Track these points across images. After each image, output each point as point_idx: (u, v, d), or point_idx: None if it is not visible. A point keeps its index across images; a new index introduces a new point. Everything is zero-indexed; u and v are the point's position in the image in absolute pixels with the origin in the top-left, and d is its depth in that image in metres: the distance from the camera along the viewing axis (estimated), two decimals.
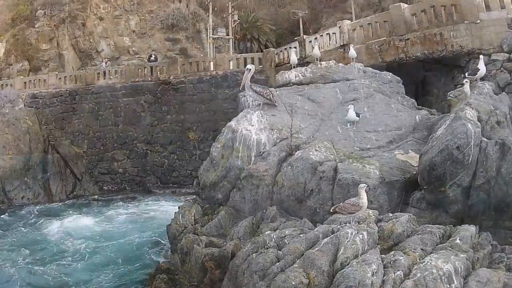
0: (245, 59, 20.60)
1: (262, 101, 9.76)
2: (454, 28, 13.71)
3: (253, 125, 9.15)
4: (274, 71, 20.02)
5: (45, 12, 27.16)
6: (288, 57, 19.57)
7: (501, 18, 13.06)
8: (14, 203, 18.65)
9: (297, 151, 8.28)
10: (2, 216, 16.74)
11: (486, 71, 13.05)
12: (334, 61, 11.80)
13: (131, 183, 21.05)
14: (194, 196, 10.80)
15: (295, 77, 10.89)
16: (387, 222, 6.30)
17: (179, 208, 10.53)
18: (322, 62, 11.63)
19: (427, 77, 15.67)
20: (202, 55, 27.25)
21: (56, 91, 21.87)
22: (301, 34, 26.39)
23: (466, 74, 9.60)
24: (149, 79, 21.24)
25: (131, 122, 21.13)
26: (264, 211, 8.48)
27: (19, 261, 11.66)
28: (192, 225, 9.54)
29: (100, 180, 21.34)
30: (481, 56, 9.43)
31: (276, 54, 20.11)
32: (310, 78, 10.85)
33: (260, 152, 8.66)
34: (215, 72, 20.42)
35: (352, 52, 12.04)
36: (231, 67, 20.71)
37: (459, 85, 14.00)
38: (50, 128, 21.53)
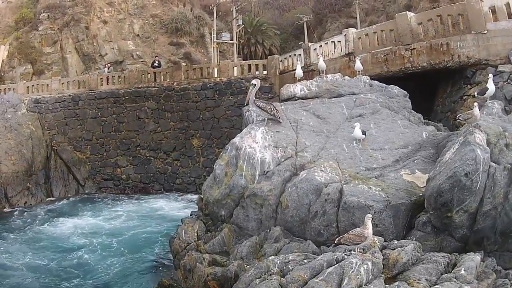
0: (249, 65, 20.53)
1: (266, 117, 9.64)
2: (461, 38, 13.55)
3: (257, 142, 9.02)
4: (278, 78, 19.97)
5: (48, 15, 27.15)
6: (292, 64, 19.50)
7: (508, 28, 12.89)
8: (17, 208, 18.62)
9: (302, 171, 8.16)
10: (7, 219, 16.87)
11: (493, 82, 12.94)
12: (340, 74, 11.67)
13: (134, 189, 21.01)
14: (197, 211, 10.70)
15: (300, 91, 10.75)
16: (392, 250, 6.20)
17: (182, 222, 10.48)
18: (328, 75, 11.49)
19: (433, 87, 15.52)
20: (206, 59, 27.22)
21: (59, 96, 21.86)
22: (306, 39, 26.37)
23: (475, 93, 9.43)
24: (153, 85, 21.19)
25: (134, 128, 21.10)
26: (268, 230, 8.38)
27: (26, 256, 12.15)
28: (195, 241, 9.49)
29: (103, 186, 21.32)
30: (490, 75, 9.26)
31: (281, 61, 20.01)
32: (316, 92, 10.72)
33: (264, 171, 8.53)
34: (219, 78, 20.36)
35: (358, 64, 11.90)
36: (235, 74, 20.62)
37: (465, 96, 13.91)
38: (53, 133, 21.53)
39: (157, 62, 22.71)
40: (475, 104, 7.33)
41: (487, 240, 6.64)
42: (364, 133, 8.92)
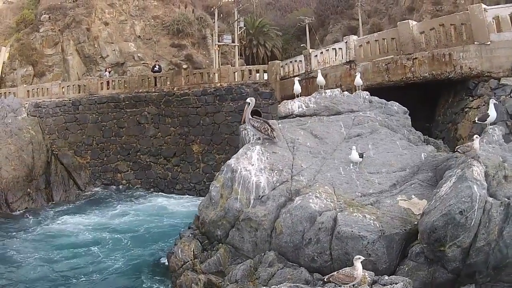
0: (250, 71, 20.38)
1: (261, 136, 9.56)
2: (463, 49, 13.30)
3: (253, 165, 8.95)
4: (279, 84, 19.85)
5: (49, 17, 27.03)
6: (293, 70, 19.35)
7: None
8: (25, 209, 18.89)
9: (297, 197, 8.09)
10: (14, 220, 17.27)
11: (495, 95, 12.67)
12: (339, 89, 11.50)
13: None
14: (194, 228, 10.69)
15: (298, 108, 10.63)
16: (382, 286, 6.15)
17: (180, 237, 10.53)
18: (327, 91, 11.34)
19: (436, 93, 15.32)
20: (208, 61, 27.10)
21: (59, 101, 21.85)
22: (307, 41, 26.18)
23: (476, 119, 9.20)
24: (153, 90, 21.12)
25: (135, 133, 21.07)
26: (263, 254, 8.38)
27: (36, 253, 12.82)
28: (191, 260, 9.54)
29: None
30: (491, 100, 9.02)
31: (281, 67, 19.85)
32: (314, 109, 10.60)
33: (259, 196, 8.47)
34: (219, 84, 20.23)
35: (358, 80, 11.75)
36: (236, 79, 20.49)
37: (467, 109, 13.72)
38: (53, 138, 21.54)
39: (157, 66, 22.61)
40: (475, 136, 7.18)
41: (479, 274, 6.57)
42: (361, 155, 8.81)
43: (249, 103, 9.53)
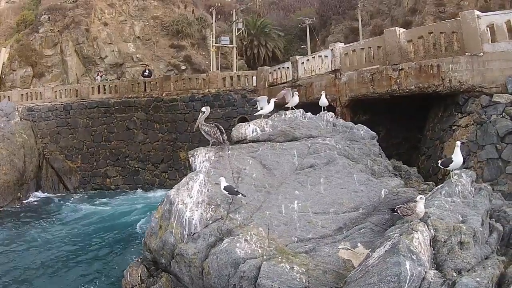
0: (238, 76, 19.76)
1: (211, 140, 9.38)
2: (453, 61, 12.22)
3: (191, 197, 8.51)
4: (267, 91, 19.11)
5: (49, 17, 27.06)
6: (281, 77, 18.59)
7: (508, 51, 11.31)
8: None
9: (226, 239, 7.57)
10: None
11: (485, 114, 11.51)
12: (301, 110, 10.65)
13: None
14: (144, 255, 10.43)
15: (252, 133, 9.93)
16: None
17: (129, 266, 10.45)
18: (287, 112, 10.55)
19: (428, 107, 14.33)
20: (207, 62, 26.60)
21: (51, 105, 21.89)
22: (308, 42, 25.25)
23: (439, 162, 7.97)
24: (142, 95, 20.87)
25: (124, 139, 20.95)
26: None
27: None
28: (138, 284, 9.51)
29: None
30: (457, 143, 7.71)
31: (270, 73, 19.14)
32: (269, 134, 9.90)
33: (191, 232, 8.02)
34: (207, 90, 19.73)
35: (324, 100, 10.91)
36: (226, 85, 19.94)
37: (455, 127, 12.67)
38: (46, 142, 21.65)
39: (147, 71, 22.29)
40: (420, 198, 5.96)
41: None
42: (234, 192, 7.97)
43: (204, 112, 9.52)
